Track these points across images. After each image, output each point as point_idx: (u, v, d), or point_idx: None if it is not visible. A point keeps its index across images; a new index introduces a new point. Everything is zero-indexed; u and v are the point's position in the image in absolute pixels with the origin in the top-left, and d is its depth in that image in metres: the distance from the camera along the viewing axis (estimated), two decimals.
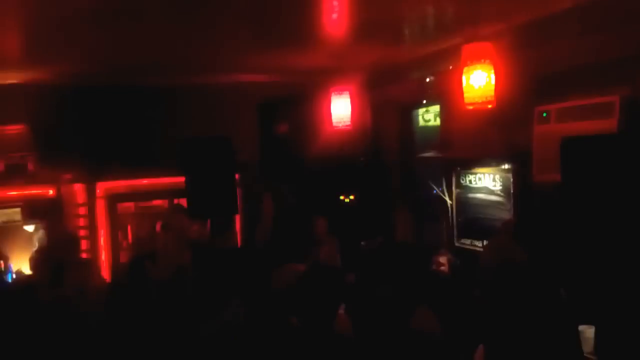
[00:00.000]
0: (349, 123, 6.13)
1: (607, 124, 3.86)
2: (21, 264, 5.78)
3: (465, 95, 4.33)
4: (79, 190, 6.33)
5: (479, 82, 4.22)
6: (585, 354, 3.69)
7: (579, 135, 3.51)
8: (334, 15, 4.32)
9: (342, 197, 6.67)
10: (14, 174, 6.01)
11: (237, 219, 6.68)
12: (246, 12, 4.09)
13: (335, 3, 4.05)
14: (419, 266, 4.68)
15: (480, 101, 4.26)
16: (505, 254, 3.44)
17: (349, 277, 4.72)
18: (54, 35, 4.50)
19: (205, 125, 6.47)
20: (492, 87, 4.24)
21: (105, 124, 6.56)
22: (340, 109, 6.13)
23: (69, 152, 6.23)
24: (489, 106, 4.29)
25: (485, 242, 5.00)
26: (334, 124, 6.16)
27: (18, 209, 6.01)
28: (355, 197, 6.63)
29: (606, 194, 3.34)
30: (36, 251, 5.30)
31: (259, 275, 3.79)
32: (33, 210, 5.94)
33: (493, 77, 4.23)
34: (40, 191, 6.09)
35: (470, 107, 4.34)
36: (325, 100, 6.28)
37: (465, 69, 4.32)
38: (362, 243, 6.00)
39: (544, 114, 4.39)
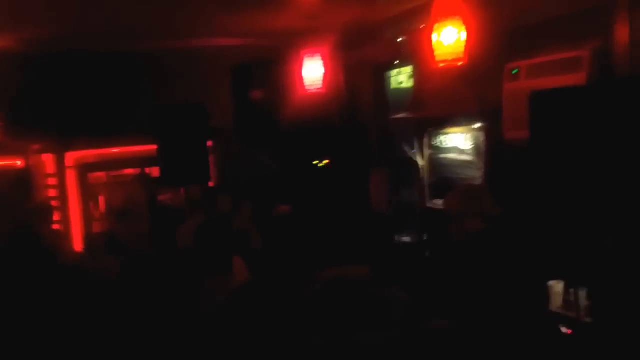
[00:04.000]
0: (321, 86, 6.04)
1: (577, 79, 3.82)
2: None
3: (436, 52, 4.27)
4: (48, 160, 6.21)
5: (449, 39, 4.16)
6: (554, 309, 3.74)
7: (547, 89, 3.49)
8: None
9: (316, 162, 6.62)
10: None
11: None
12: None
13: None
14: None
15: (450, 58, 4.21)
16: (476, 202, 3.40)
17: None
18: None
19: (178, 91, 6.38)
20: (463, 44, 4.18)
21: (74, 92, 6.44)
22: (312, 71, 6.03)
23: (37, 121, 6.11)
24: (460, 63, 4.24)
25: None
26: (307, 87, 6.07)
27: None
28: (330, 161, 6.58)
29: (575, 146, 3.34)
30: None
31: None
32: (1, 181, 5.83)
33: (464, 33, 4.17)
34: (8, 162, 5.97)
35: (441, 65, 4.28)
36: (298, 63, 6.18)
37: (435, 26, 4.25)
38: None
39: (514, 71, 4.36)
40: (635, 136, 3.07)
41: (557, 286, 3.81)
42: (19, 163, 6.03)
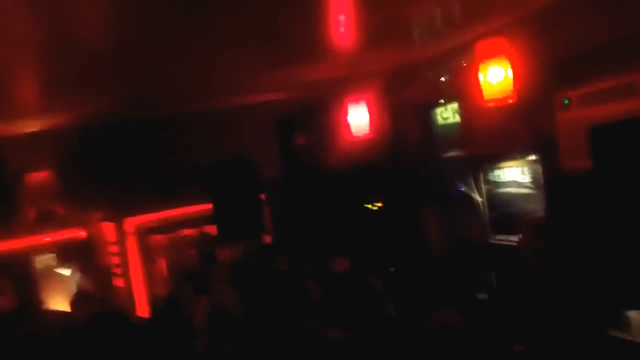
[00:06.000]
0: (367, 131, 6.08)
1: (632, 105, 3.76)
2: (58, 307, 5.82)
3: (485, 92, 4.26)
4: (109, 228, 6.38)
5: (496, 78, 4.15)
6: (633, 340, 3.60)
7: (606, 124, 3.43)
8: (342, 28, 4.30)
9: (368, 205, 6.61)
10: (45, 221, 6.08)
11: None
12: (255, 33, 4.09)
13: (342, 16, 4.03)
14: None
15: (499, 97, 4.20)
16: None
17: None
18: (69, 80, 4.55)
19: (227, 149, 6.49)
20: (511, 82, 4.17)
21: (129, 160, 6.58)
22: (358, 118, 6.09)
23: (96, 191, 6.27)
24: (510, 101, 4.22)
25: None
26: (353, 134, 6.13)
27: (53, 255, 6.07)
28: (382, 204, 6.57)
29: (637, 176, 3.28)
30: (75, 294, 5.35)
31: None
32: (67, 253, 6.01)
33: (510, 71, 4.15)
34: (71, 234, 6.15)
35: (491, 105, 4.27)
36: (343, 110, 6.25)
37: (481, 66, 4.25)
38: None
39: (565, 101, 4.31)
40: None
41: (636, 316, 3.67)
42: (82, 234, 6.19)
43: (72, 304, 5.26)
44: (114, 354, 3.96)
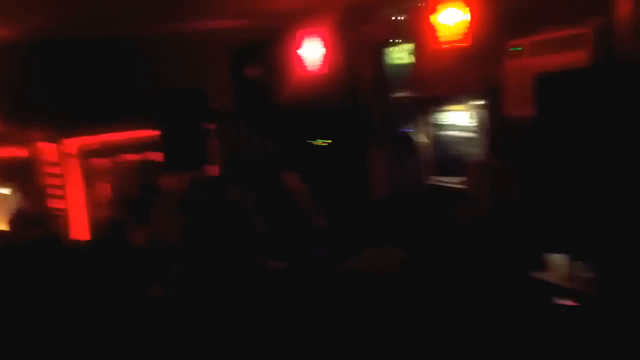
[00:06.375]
0: (321, 66, 6.05)
1: (579, 56, 3.86)
2: None
3: (440, 34, 4.29)
4: (50, 148, 6.22)
5: (451, 20, 4.17)
6: (557, 282, 3.83)
7: (552, 72, 3.53)
8: None
9: (315, 142, 6.64)
10: None
11: None
12: None
13: None
14: None
15: (454, 39, 4.23)
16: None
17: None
18: None
19: (178, 76, 6.36)
20: (467, 25, 4.19)
21: (74, 80, 6.40)
22: (312, 52, 6.05)
23: (38, 110, 6.08)
24: (464, 44, 4.26)
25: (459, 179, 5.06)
26: (307, 68, 6.09)
27: None
28: (331, 141, 6.60)
29: (579, 126, 3.41)
30: (14, 213, 5.24)
31: None
32: (6, 173, 5.84)
33: (467, 15, 4.17)
34: (11, 153, 5.97)
35: (445, 46, 4.30)
36: (298, 43, 6.18)
37: (438, 7, 4.26)
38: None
39: (515, 49, 4.39)
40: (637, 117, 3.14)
41: (559, 259, 3.88)
42: (22, 153, 6.02)
43: (11, 223, 5.17)
44: (51, 276, 3.93)
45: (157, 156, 6.14)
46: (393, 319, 2.70)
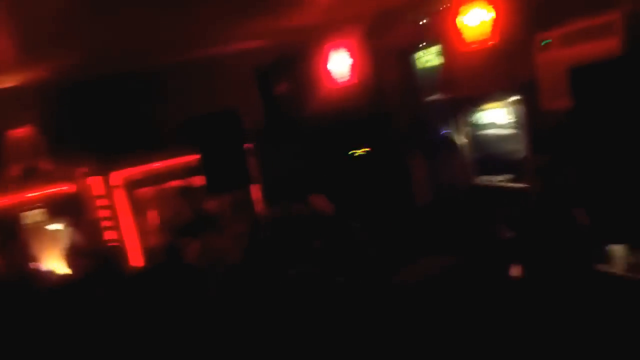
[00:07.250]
0: (349, 77, 6.10)
1: (610, 44, 3.84)
2: (51, 264, 5.90)
3: (465, 35, 4.30)
4: (96, 182, 6.40)
5: (477, 20, 4.19)
6: (617, 274, 3.78)
7: (587, 63, 3.51)
8: None
9: (352, 152, 6.65)
10: (31, 177, 6.07)
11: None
12: None
13: None
14: None
15: (480, 39, 4.25)
16: None
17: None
18: (49, 30, 4.48)
19: (209, 100, 6.47)
20: (491, 24, 4.21)
21: (112, 114, 6.57)
22: (339, 64, 6.11)
23: (81, 146, 6.26)
24: (490, 43, 4.27)
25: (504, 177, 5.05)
26: (336, 80, 6.14)
27: (42, 210, 6.09)
28: (368, 150, 6.62)
29: (619, 118, 3.39)
30: (69, 249, 5.42)
31: None
32: (56, 209, 6.03)
33: (491, 13, 4.18)
34: (59, 189, 6.16)
35: (472, 47, 4.31)
36: (324, 57, 6.24)
37: (461, 9, 4.28)
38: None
39: (544, 42, 4.37)
40: None
41: (618, 250, 3.82)
42: (69, 189, 6.20)
43: (67, 259, 5.36)
44: (114, 305, 4.07)
45: (199, 180, 6.25)
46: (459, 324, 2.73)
